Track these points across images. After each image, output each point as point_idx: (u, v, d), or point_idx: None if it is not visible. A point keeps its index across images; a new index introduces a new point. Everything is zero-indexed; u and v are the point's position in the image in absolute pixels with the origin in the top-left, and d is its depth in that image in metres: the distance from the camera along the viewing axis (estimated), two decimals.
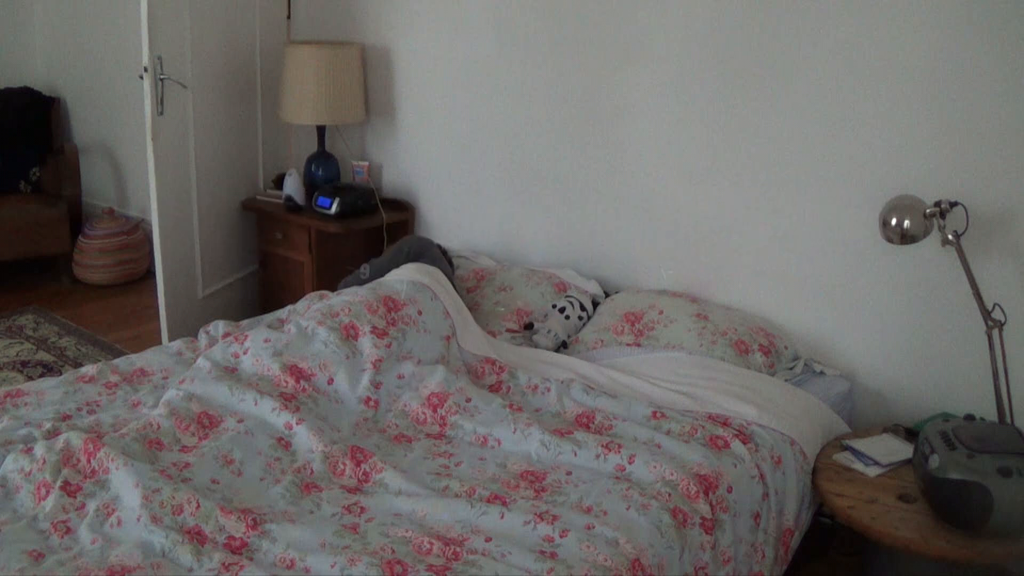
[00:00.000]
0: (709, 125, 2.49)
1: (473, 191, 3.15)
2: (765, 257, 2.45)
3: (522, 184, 2.99)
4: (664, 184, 2.63)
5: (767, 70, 2.34)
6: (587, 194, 2.82)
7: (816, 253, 2.35)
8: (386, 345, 2.07)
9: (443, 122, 3.16)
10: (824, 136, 2.27)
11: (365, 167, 3.35)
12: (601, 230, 2.82)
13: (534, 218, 2.99)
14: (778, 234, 2.41)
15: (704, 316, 2.38)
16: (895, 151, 2.16)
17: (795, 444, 1.94)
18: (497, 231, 3.11)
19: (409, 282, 2.28)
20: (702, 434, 1.87)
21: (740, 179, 2.46)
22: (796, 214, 2.37)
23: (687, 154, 2.56)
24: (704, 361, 2.23)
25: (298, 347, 2.04)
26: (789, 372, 2.29)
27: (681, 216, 2.61)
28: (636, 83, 2.61)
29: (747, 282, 2.50)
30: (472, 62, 3.01)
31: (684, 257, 2.63)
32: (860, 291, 2.29)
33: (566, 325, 2.46)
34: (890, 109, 2.15)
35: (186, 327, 2.95)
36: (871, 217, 2.17)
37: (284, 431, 1.80)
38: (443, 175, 3.23)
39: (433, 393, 1.97)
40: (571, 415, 1.97)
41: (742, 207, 2.47)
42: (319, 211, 3.10)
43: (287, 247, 3.20)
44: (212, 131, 3.12)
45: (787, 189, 2.37)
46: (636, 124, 2.65)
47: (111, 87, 4.18)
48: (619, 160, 2.72)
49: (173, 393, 1.89)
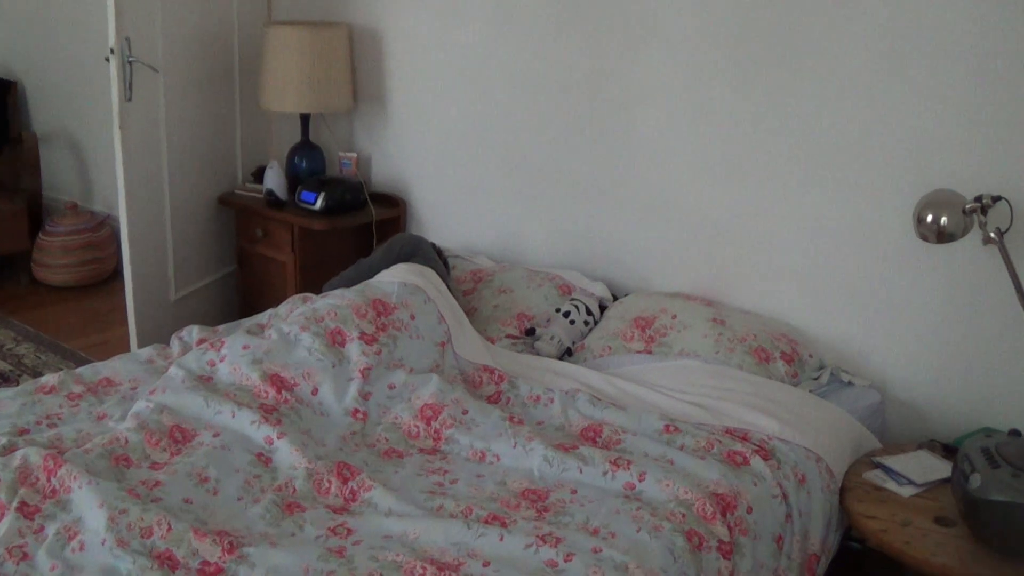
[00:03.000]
0: (727, 113, 2.48)
1: (470, 185, 3.14)
2: (788, 257, 2.44)
3: (523, 177, 2.98)
4: (677, 177, 2.62)
5: (791, 53, 2.33)
6: (594, 189, 2.82)
7: (844, 252, 2.34)
8: (375, 352, 2.07)
9: (438, 110, 3.15)
10: (854, 125, 2.26)
11: (353, 159, 3.33)
12: (609, 227, 2.81)
13: (536, 215, 2.98)
14: (802, 232, 2.40)
15: (721, 321, 2.37)
16: (932, 141, 2.15)
17: (821, 461, 1.94)
18: (496, 229, 3.10)
19: (400, 284, 2.27)
20: (719, 449, 1.86)
21: (761, 172, 2.46)
22: (822, 210, 2.36)
23: (702, 145, 2.55)
24: (721, 370, 2.22)
25: (280, 354, 2.03)
26: (814, 382, 2.28)
27: (696, 212, 2.60)
28: (647, 68, 2.61)
29: (768, 284, 2.49)
30: (470, 45, 3.01)
31: (699, 257, 2.62)
32: (892, 294, 2.28)
33: (571, 331, 2.46)
34: (927, 94, 2.13)
35: (157, 333, 2.96)
36: (905, 213, 2.16)
37: (264, 446, 1.80)
38: (438, 168, 3.22)
39: (426, 404, 1.97)
40: (576, 428, 1.97)
41: (763, 202, 2.46)
42: (303, 207, 3.10)
43: (268, 246, 3.19)
44: (186, 119, 3.10)
45: (812, 183, 2.36)
46: (647, 113, 2.64)
47: (74, 70, 4.18)
48: (629, 152, 2.71)
49: (142, 405, 1.88)
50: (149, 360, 2.20)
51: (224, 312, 3.37)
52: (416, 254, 2.56)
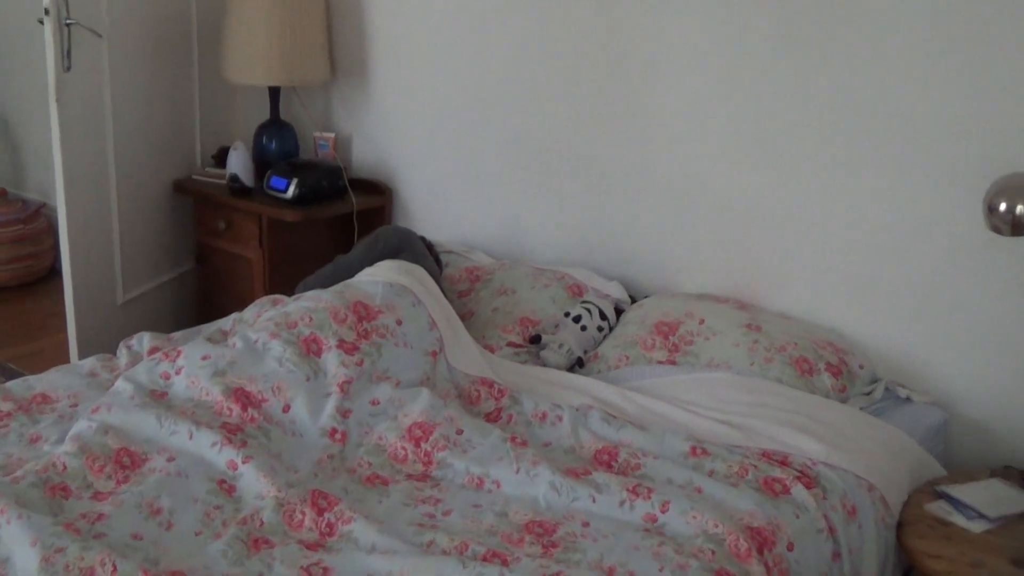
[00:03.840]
0: (766, 85, 2.46)
1: (467, 170, 3.12)
2: (835, 252, 2.43)
3: (528, 161, 2.96)
4: (706, 160, 2.61)
5: (843, 12, 2.30)
6: (609, 174, 2.79)
7: (901, 247, 2.33)
8: (356, 363, 2.08)
9: (430, 83, 3.13)
10: (913, 100, 2.24)
11: (330, 140, 3.31)
12: (627, 219, 2.79)
13: (542, 204, 2.96)
14: (852, 223, 2.39)
15: (756, 327, 2.37)
16: (1006, 118, 2.13)
17: (874, 490, 1.93)
18: (496, 220, 3.08)
19: (385, 284, 2.28)
20: (754, 476, 1.86)
21: (804, 154, 2.44)
22: (876, 198, 2.34)
23: (736, 122, 2.53)
24: (756, 384, 2.22)
25: (245, 366, 2.04)
26: (866, 398, 2.27)
27: (728, 201, 2.58)
28: (672, 33, 2.58)
29: (811, 284, 2.48)
30: (467, 7, 2.98)
31: (731, 253, 2.60)
32: (958, 295, 2.27)
33: (582, 338, 2.45)
34: (1001, 63, 2.11)
35: (102, 340, 2.93)
36: (973, 201, 2.14)
37: (227, 472, 1.79)
38: (429, 150, 3.20)
39: (415, 423, 1.97)
40: (589, 451, 1.97)
41: (806, 189, 2.45)
42: (272, 194, 3.08)
43: (232, 240, 3.18)
44: (135, 92, 3.09)
45: (864, 166, 2.35)
46: (671, 86, 2.62)
47: (1, 34, 4.18)
48: (650, 131, 2.69)
49: (84, 425, 1.87)
50: (92, 373, 2.19)
51: (180, 317, 3.35)
52: (404, 250, 2.55)
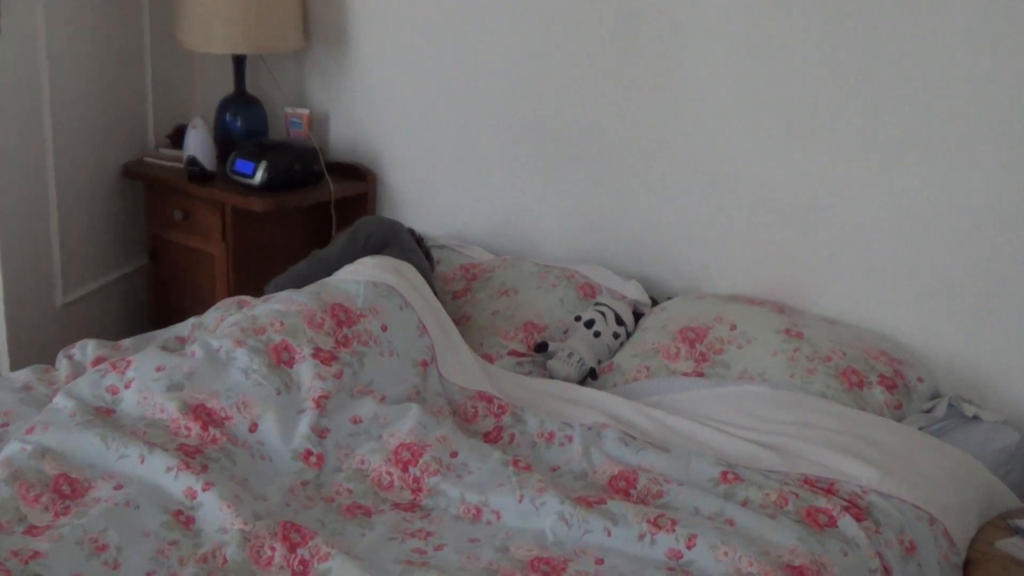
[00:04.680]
0: (808, 54, 2.45)
1: (462, 152, 3.12)
2: (888, 247, 2.43)
3: (533, 142, 2.96)
4: (740, 143, 2.61)
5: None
6: (626, 157, 2.80)
7: (966, 242, 2.32)
8: (335, 375, 2.08)
9: (419, 51, 3.13)
10: (977, 73, 2.24)
11: (304, 117, 3.32)
12: (647, 209, 2.79)
13: (550, 191, 2.97)
14: (909, 214, 2.39)
15: (797, 333, 2.38)
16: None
17: (936, 523, 1.92)
18: (496, 210, 3.09)
19: (369, 283, 2.29)
20: (795, 505, 1.85)
21: (853, 134, 2.43)
22: (935, 184, 2.34)
23: (773, 97, 2.53)
24: (797, 399, 2.23)
25: (206, 378, 2.04)
26: (926, 416, 2.27)
27: (764, 188, 2.59)
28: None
29: (860, 283, 2.48)
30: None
31: (767, 247, 2.61)
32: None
33: (595, 346, 2.46)
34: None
35: (38, 349, 2.91)
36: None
37: (184, 501, 1.77)
38: (418, 129, 3.20)
39: (403, 444, 1.97)
40: (603, 476, 1.97)
41: (855, 175, 2.45)
42: (237, 180, 3.08)
43: (190, 232, 3.17)
44: (76, 61, 3.06)
45: (924, 148, 2.34)
46: (700, 55, 2.62)
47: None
48: (673, 108, 2.69)
49: (16, 447, 1.85)
50: (26, 386, 2.17)
51: (130, 321, 3.34)
52: (389, 244, 2.56)
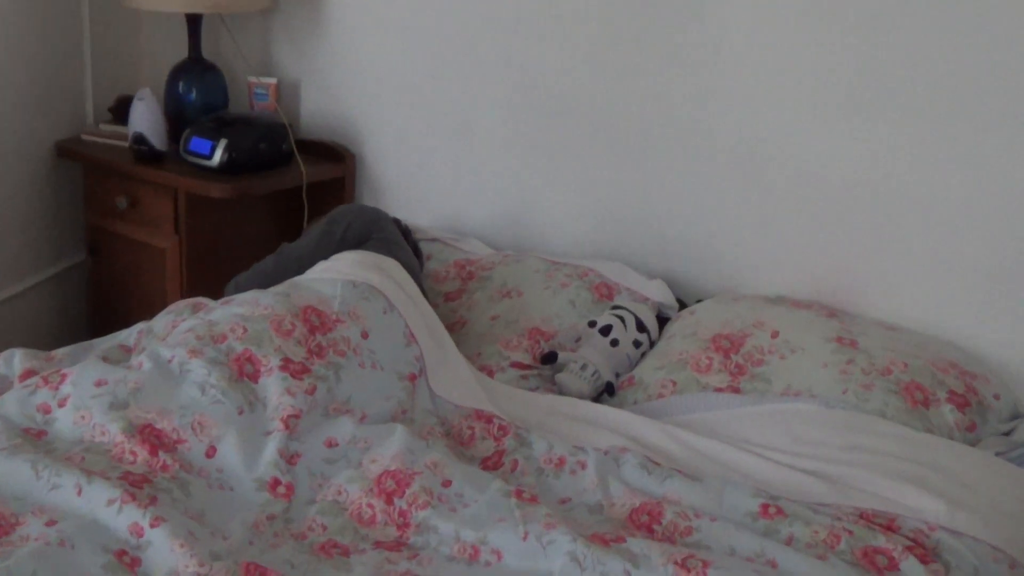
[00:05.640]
0: (862, 14, 2.46)
1: (457, 129, 3.14)
2: (958, 239, 2.43)
3: (539, 117, 2.98)
4: (784, 119, 2.62)
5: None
6: (649, 135, 2.81)
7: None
8: (307, 390, 2.07)
9: (406, 11, 3.17)
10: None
11: (271, 87, 3.35)
12: (673, 196, 2.81)
13: (560, 175, 2.99)
14: (983, 200, 2.39)
15: (850, 341, 2.37)
16: None
17: (1017, 566, 1.91)
18: (497, 197, 3.12)
19: (347, 283, 2.29)
20: (849, 545, 1.84)
21: (917, 106, 2.43)
22: (1015, 166, 2.34)
23: (822, 62, 2.54)
24: (851, 419, 2.22)
25: (156, 394, 2.02)
26: (1004, 440, 2.26)
27: (812, 172, 2.60)
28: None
29: (926, 282, 2.49)
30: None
31: (815, 240, 2.63)
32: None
33: (612, 356, 2.46)
34: None
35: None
36: None
37: (129, 539, 1.75)
38: (405, 102, 3.23)
39: (387, 472, 1.96)
40: (622, 510, 1.96)
41: (922, 155, 2.45)
42: (192, 161, 3.09)
43: (137, 223, 3.17)
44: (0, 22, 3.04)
45: (998, 125, 2.34)
46: (737, 16, 2.64)
47: None
48: (704, 76, 2.71)
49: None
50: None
51: (66, 327, 3.36)
52: (371, 237, 2.57)
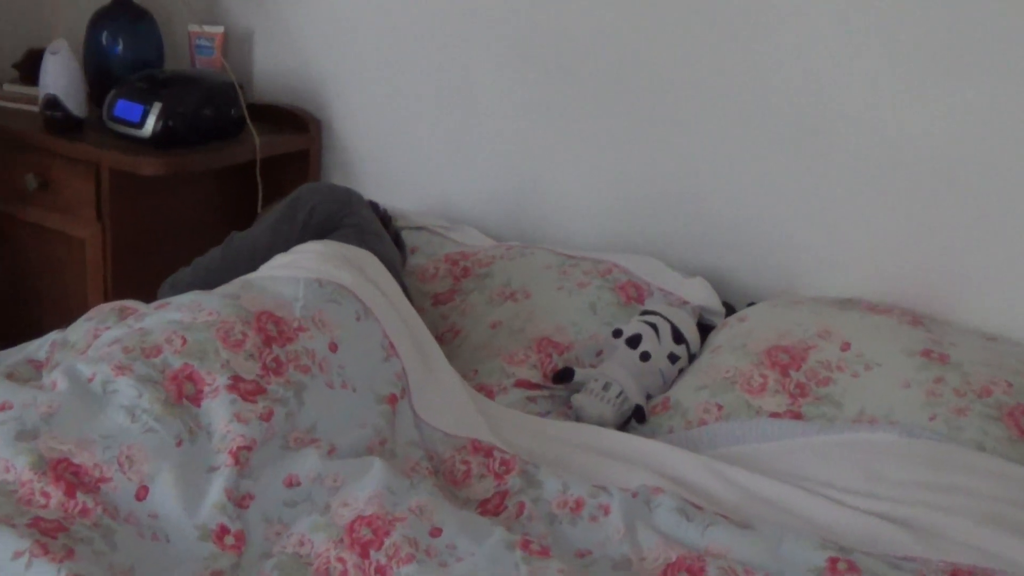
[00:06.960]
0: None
1: (448, 92, 3.15)
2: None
3: (550, 81, 2.98)
4: (853, 83, 2.61)
5: None
6: (686, 104, 2.81)
7: None
8: (261, 416, 2.04)
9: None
10: None
11: (217, 38, 3.36)
12: (715, 176, 2.81)
13: (575, 150, 2.99)
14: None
15: (940, 355, 2.36)
16: None
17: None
18: (498, 176, 3.13)
19: (311, 281, 2.30)
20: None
21: (1017, 68, 2.42)
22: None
23: (899, 18, 2.54)
24: (941, 452, 2.22)
25: (73, 421, 1.98)
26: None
27: (889, 149, 2.59)
28: None
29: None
30: None
31: (894, 231, 2.63)
32: None
33: (643, 374, 2.43)
34: None
35: None
36: None
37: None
38: (384, 59, 3.25)
39: (362, 518, 1.92)
40: (655, 564, 1.92)
41: (1020, 131, 2.42)
42: (119, 130, 3.11)
43: (49, 206, 3.21)
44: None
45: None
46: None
47: None
48: (755, 33, 2.70)
49: None
50: None
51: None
52: (341, 224, 2.56)
